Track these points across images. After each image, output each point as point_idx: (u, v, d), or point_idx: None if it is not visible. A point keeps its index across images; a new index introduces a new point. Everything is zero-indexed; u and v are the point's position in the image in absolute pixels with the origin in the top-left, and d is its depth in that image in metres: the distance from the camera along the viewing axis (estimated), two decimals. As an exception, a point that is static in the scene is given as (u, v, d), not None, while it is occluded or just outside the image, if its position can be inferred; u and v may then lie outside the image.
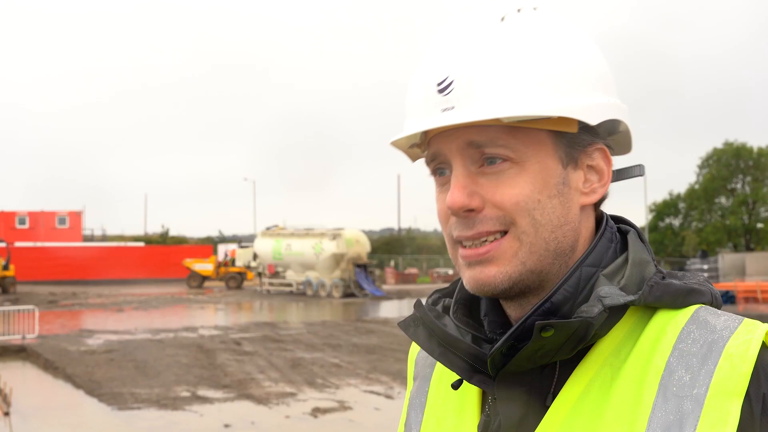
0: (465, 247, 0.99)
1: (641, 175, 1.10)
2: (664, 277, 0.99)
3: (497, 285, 0.98)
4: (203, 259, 47.03)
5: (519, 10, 1.00)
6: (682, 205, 56.80)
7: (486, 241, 0.98)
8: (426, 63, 1.02)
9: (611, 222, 1.06)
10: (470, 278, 0.99)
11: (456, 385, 1.05)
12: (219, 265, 45.78)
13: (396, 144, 1.08)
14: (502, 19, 0.99)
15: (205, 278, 45.69)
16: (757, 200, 53.20)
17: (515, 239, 0.97)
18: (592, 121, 0.98)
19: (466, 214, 0.98)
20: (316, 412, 10.81)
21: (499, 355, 0.96)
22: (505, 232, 0.97)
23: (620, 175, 1.09)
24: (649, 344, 0.94)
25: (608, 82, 1.03)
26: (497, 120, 0.95)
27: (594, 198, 1.02)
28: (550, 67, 0.97)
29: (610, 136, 1.07)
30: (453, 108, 0.96)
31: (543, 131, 0.98)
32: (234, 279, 45.10)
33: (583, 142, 1.00)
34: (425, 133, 1.04)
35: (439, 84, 0.98)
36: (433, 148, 1.02)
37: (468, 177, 0.98)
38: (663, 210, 57.33)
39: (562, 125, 0.98)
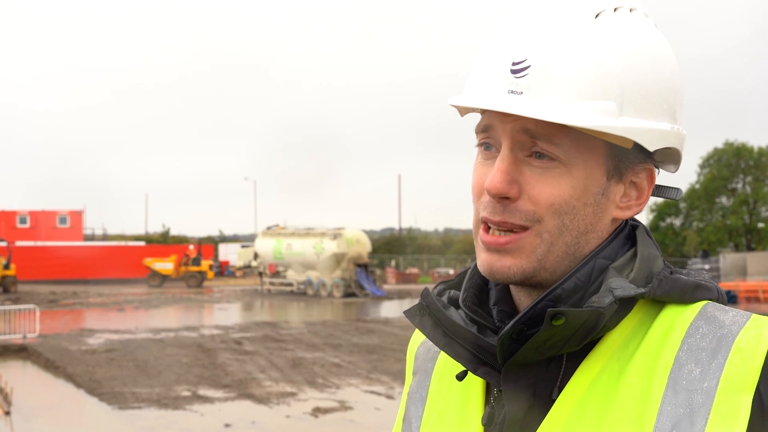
0: (488, 231, 0.99)
1: (676, 199, 1.09)
2: (672, 272, 0.99)
3: (510, 276, 0.98)
4: (163, 258, 46.88)
5: (615, 10, 0.97)
6: (682, 205, 56.79)
7: (509, 231, 0.98)
8: (506, 37, 0.98)
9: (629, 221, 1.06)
10: (484, 262, 0.99)
11: (461, 376, 1.04)
12: (179, 265, 45.77)
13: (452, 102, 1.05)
14: (597, 15, 0.96)
15: (165, 277, 45.60)
16: (757, 200, 53.21)
17: (537, 236, 0.97)
18: (651, 147, 0.97)
19: (500, 200, 0.97)
20: (317, 411, 10.82)
21: (508, 340, 0.96)
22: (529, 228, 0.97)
23: (657, 192, 1.08)
24: (657, 339, 0.94)
25: (678, 108, 1.01)
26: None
27: (628, 214, 1.02)
28: (631, 82, 0.95)
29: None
30: (521, 93, 0.94)
31: (598, 140, 0.96)
32: (194, 278, 45.20)
33: (634, 159, 1.00)
34: None
35: (514, 64, 0.95)
36: (487, 120, 1.00)
37: (513, 163, 0.97)
38: (664, 210, 57.33)
39: (619, 139, 0.96)
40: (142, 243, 58.39)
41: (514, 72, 0.95)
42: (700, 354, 0.90)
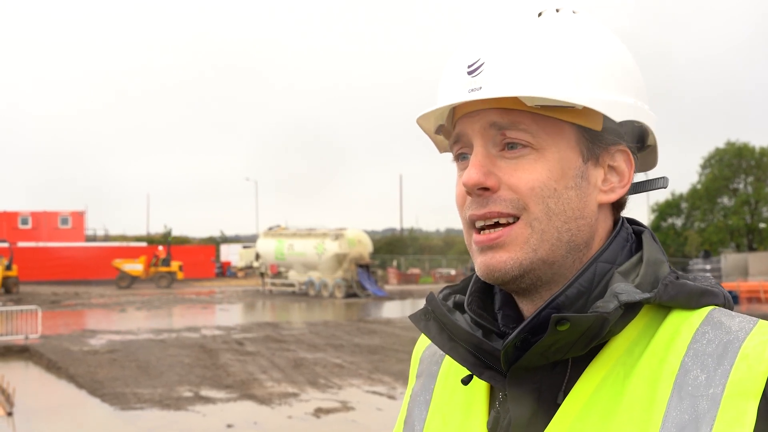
0: (479, 231, 1.00)
1: (664, 187, 1.10)
2: (678, 278, 0.99)
3: (508, 271, 0.98)
4: (133, 259, 46.83)
5: (558, 10, 1.02)
6: (684, 205, 56.74)
7: (497, 223, 0.99)
8: (460, 48, 1.04)
9: (627, 223, 1.07)
10: (482, 263, 1.00)
11: (466, 381, 1.05)
12: (149, 265, 45.81)
13: (422, 126, 1.10)
14: (540, 14, 1.01)
15: (134, 278, 45.54)
16: (759, 200, 53.13)
17: (527, 225, 0.97)
18: (617, 117, 0.98)
19: (480, 192, 0.99)
20: (319, 412, 10.82)
21: (512, 348, 0.96)
22: (517, 218, 0.98)
23: (644, 186, 1.09)
24: (663, 344, 0.94)
25: (639, 88, 1.03)
26: (520, 103, 0.96)
27: (612, 197, 1.03)
28: (581, 60, 0.98)
29: (639, 150, 1.07)
30: (480, 88, 0.98)
31: (566, 123, 0.99)
32: (164, 278, 45.37)
33: (606, 140, 1.01)
34: (452, 116, 1.06)
35: (469, 66, 1.00)
36: (458, 129, 1.03)
37: (487, 157, 0.99)
38: (665, 210, 57.27)
39: (586, 120, 0.99)
40: (143, 244, 58.41)
41: (470, 73, 0.99)
42: (706, 360, 0.90)
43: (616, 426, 0.91)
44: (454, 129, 1.04)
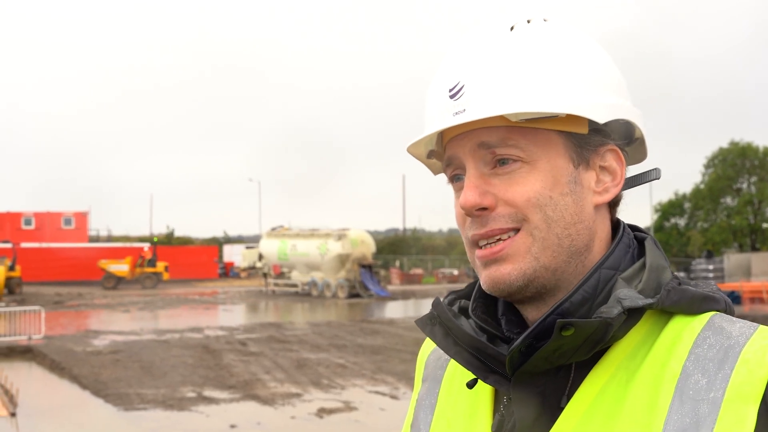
0: (481, 248, 1.01)
1: (658, 179, 1.11)
2: (680, 283, 1.00)
3: (512, 282, 0.99)
4: (118, 260, 46.82)
5: (529, 21, 1.03)
6: (687, 205, 56.71)
7: (500, 239, 1.00)
8: (440, 73, 1.05)
9: (628, 228, 1.08)
10: (486, 277, 1.01)
11: (471, 385, 1.06)
12: (134, 266, 45.83)
13: (413, 153, 1.11)
14: (512, 28, 1.02)
15: (120, 279, 45.51)
16: (762, 200, 53.07)
17: (528, 235, 0.99)
18: (601, 119, 0.99)
19: (479, 212, 1.00)
20: (322, 412, 10.83)
21: (517, 353, 0.97)
22: (517, 230, 0.99)
23: (637, 180, 1.10)
24: (665, 349, 0.95)
25: (619, 86, 1.05)
26: (505, 119, 0.98)
27: (607, 197, 1.04)
28: (558, 68, 0.99)
29: (627, 145, 1.08)
30: (464, 111, 0.99)
31: (553, 132, 1.00)
32: (150, 279, 45.48)
33: (594, 142, 1.02)
34: (441, 140, 1.07)
35: (450, 90, 1.01)
36: (448, 152, 1.05)
37: (480, 177, 1.00)
38: (668, 210, 57.23)
39: (571, 125, 1.00)
40: (146, 244, 58.47)
41: (452, 97, 1.01)
42: (707, 364, 0.90)
43: (619, 429, 0.92)
44: (444, 152, 1.06)
